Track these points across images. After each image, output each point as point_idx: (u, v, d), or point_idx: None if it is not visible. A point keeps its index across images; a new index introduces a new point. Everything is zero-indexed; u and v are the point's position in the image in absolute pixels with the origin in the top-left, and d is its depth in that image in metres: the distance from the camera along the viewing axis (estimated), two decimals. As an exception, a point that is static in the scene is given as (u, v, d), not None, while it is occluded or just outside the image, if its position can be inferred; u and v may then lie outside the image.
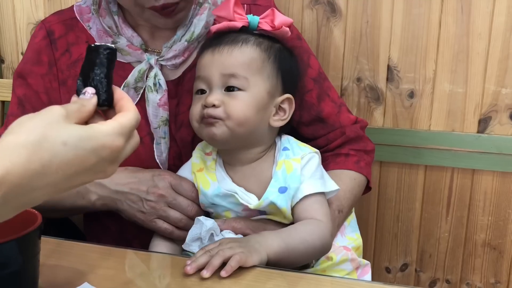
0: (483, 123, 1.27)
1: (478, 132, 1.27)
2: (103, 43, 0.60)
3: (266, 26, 0.87)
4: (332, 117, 1.04)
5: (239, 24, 0.87)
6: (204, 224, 0.84)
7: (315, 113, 1.04)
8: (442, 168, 1.31)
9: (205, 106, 0.83)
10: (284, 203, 0.84)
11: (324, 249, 0.85)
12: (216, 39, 0.87)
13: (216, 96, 0.83)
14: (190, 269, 0.73)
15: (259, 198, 0.85)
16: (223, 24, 0.87)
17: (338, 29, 1.29)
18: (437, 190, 1.33)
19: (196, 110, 0.85)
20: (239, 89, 0.83)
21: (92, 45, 0.60)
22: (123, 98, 0.60)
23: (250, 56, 0.85)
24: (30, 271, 0.65)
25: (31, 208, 0.66)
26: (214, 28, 0.89)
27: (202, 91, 0.86)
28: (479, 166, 1.28)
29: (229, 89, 0.84)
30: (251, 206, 0.85)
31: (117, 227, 1.01)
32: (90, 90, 0.59)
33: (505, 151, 1.26)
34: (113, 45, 0.61)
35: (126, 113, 0.59)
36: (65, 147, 0.51)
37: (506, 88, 1.24)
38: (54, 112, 0.54)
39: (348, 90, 1.32)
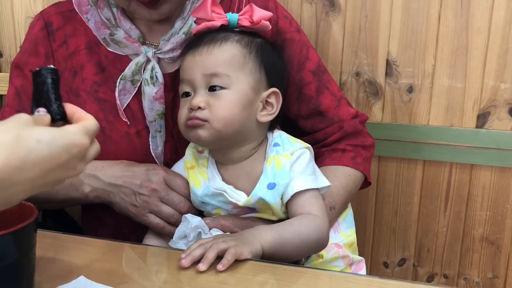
0: (482, 118, 1.27)
1: (476, 127, 1.27)
2: (43, 67, 0.64)
3: (245, 23, 0.87)
4: (331, 111, 1.04)
5: (217, 23, 0.86)
6: (190, 222, 0.84)
7: (314, 106, 1.03)
8: (441, 163, 1.31)
9: (191, 109, 0.83)
10: (273, 199, 0.84)
11: (320, 243, 0.85)
12: (196, 40, 0.87)
13: (200, 98, 0.83)
14: (185, 262, 0.74)
15: (248, 195, 0.85)
16: (202, 25, 0.87)
17: (337, 23, 1.29)
18: (435, 185, 1.33)
19: (183, 113, 0.85)
20: (222, 88, 0.83)
21: (34, 70, 0.64)
22: (77, 111, 0.64)
23: (230, 53, 0.84)
24: (26, 264, 0.65)
25: (26, 201, 0.66)
26: (194, 30, 0.89)
27: (187, 94, 0.86)
28: (478, 161, 1.28)
29: (212, 88, 0.83)
30: (240, 203, 0.85)
31: (114, 222, 1.01)
32: (42, 109, 0.62)
33: (503, 146, 1.26)
34: (52, 66, 0.65)
35: (87, 120, 0.63)
36: (39, 144, 0.55)
37: (505, 83, 1.24)
38: (22, 117, 0.57)
39: (347, 85, 1.31)
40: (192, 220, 0.84)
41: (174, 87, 0.97)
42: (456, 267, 1.37)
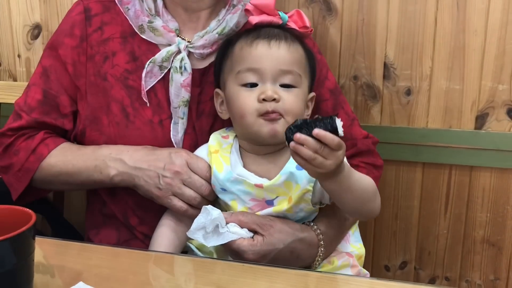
0: (480, 120, 1.27)
1: (475, 128, 1.27)
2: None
3: (292, 25, 0.91)
4: (344, 129, 1.05)
5: (280, 20, 0.90)
6: (210, 213, 0.84)
7: None
8: (440, 165, 1.31)
9: (264, 100, 0.84)
10: (301, 179, 0.84)
11: (377, 198, 0.88)
12: (262, 32, 0.89)
13: (275, 90, 0.85)
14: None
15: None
16: (267, 18, 0.90)
17: (334, 27, 1.29)
18: (435, 187, 1.32)
19: (251, 104, 0.85)
20: (293, 86, 0.86)
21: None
22: None
23: (300, 53, 0.89)
24: (24, 270, 0.65)
25: (24, 207, 0.66)
26: (255, 20, 0.90)
27: (253, 85, 0.86)
28: (477, 162, 1.28)
29: (286, 85, 0.86)
30: (266, 184, 0.85)
31: (122, 215, 1.02)
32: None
33: (502, 147, 1.26)
34: (336, 116, 0.75)
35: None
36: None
37: (502, 84, 1.24)
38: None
39: (345, 88, 1.32)
40: (212, 212, 0.84)
41: (201, 83, 1.00)
42: (457, 270, 1.36)
